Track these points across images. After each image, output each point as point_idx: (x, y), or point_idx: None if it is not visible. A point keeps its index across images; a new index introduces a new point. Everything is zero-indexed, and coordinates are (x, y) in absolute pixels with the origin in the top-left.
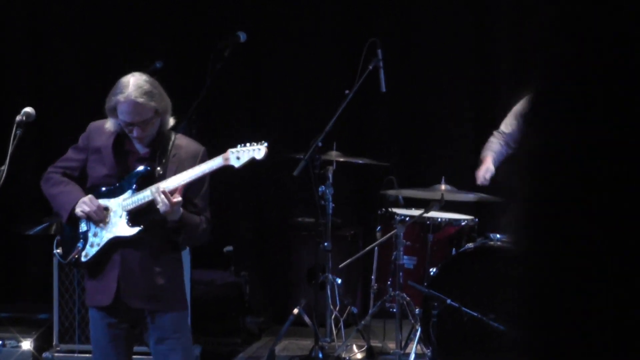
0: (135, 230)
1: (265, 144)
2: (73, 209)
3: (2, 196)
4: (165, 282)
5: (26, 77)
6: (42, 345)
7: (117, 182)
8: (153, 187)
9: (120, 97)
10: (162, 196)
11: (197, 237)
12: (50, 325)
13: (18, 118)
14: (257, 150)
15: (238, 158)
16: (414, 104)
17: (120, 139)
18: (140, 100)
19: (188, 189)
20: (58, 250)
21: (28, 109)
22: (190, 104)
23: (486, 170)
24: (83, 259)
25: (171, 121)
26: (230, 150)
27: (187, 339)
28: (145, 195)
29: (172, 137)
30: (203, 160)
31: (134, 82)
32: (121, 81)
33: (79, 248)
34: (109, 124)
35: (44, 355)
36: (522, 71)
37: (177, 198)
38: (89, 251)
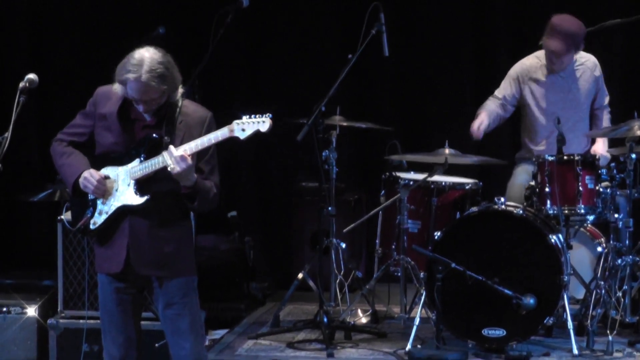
0: (143, 199)
1: (270, 116)
2: (76, 181)
3: (5, 163)
4: (174, 249)
5: (27, 43)
6: (47, 311)
7: (125, 150)
8: (166, 152)
9: (131, 76)
10: (176, 156)
11: (209, 202)
12: (55, 291)
13: (21, 85)
14: (262, 123)
15: (243, 130)
16: (417, 68)
17: (127, 106)
18: (152, 83)
19: (196, 155)
20: (66, 217)
21: (31, 76)
22: (193, 70)
23: (480, 122)
24: (91, 227)
25: (180, 90)
26: (235, 121)
27: (194, 304)
28: (154, 162)
29: (179, 104)
30: (210, 125)
31: (148, 63)
32: (134, 57)
33: (88, 216)
34: (117, 87)
35: (48, 321)
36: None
37: (189, 160)
38: (97, 219)
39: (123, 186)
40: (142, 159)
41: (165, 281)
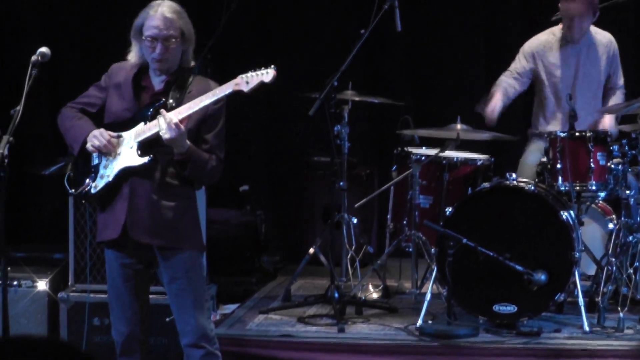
0: (144, 159)
1: (274, 67)
2: (84, 142)
3: (17, 136)
4: (174, 217)
5: (38, 17)
6: (58, 285)
7: (132, 116)
8: (160, 117)
9: (151, 11)
10: (168, 122)
11: (205, 174)
12: (66, 265)
13: (33, 58)
14: (266, 74)
15: (247, 82)
16: (429, 43)
17: (139, 75)
18: (169, 15)
19: (202, 125)
20: (72, 190)
21: (43, 49)
22: (205, 44)
23: (494, 106)
24: (93, 191)
25: (192, 62)
26: (240, 75)
27: (199, 279)
28: (153, 126)
29: (191, 78)
30: None
31: (166, 3)
32: (152, 2)
33: (89, 181)
34: (132, 55)
35: (59, 295)
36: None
37: (182, 126)
38: (99, 182)
39: (126, 149)
40: (146, 122)
41: (168, 254)
